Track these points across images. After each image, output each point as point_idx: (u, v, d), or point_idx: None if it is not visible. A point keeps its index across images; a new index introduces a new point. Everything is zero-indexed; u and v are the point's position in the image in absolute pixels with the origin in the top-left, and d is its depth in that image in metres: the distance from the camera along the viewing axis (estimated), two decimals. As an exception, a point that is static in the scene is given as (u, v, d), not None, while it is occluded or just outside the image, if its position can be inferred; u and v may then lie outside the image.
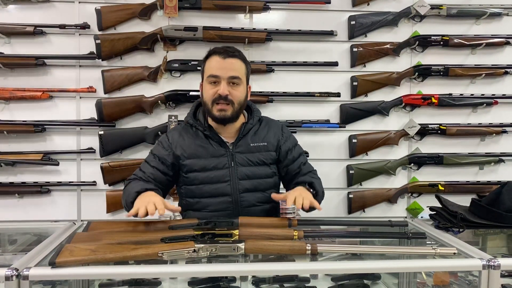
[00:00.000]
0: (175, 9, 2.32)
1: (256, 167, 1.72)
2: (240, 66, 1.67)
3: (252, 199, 1.71)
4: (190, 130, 1.75)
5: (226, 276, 1.64)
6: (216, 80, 1.64)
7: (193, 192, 1.70)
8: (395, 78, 2.48)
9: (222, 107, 1.64)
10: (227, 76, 1.63)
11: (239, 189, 1.69)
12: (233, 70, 1.64)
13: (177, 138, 1.74)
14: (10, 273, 1.14)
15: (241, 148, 1.71)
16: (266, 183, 1.74)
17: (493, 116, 2.57)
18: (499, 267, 1.29)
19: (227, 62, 1.64)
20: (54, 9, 2.34)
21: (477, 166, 2.57)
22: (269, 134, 1.77)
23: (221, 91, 1.62)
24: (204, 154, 1.69)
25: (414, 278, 1.78)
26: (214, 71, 1.64)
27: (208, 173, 1.68)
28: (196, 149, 1.70)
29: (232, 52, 1.66)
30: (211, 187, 1.68)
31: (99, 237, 1.35)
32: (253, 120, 1.75)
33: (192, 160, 1.69)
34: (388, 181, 2.55)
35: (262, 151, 1.73)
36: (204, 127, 1.72)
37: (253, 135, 1.74)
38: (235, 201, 1.69)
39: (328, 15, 2.46)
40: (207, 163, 1.69)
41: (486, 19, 2.52)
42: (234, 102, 1.65)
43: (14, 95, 2.31)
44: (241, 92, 1.67)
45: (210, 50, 1.70)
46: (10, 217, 2.36)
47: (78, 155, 2.39)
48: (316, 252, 1.33)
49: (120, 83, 2.35)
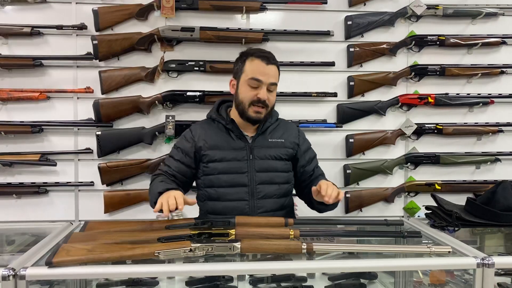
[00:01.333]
0: (172, 10, 2.33)
1: (273, 161, 1.80)
2: (277, 72, 1.80)
3: (268, 191, 1.78)
4: (212, 124, 1.85)
5: (223, 275, 1.64)
6: (258, 84, 1.73)
7: (211, 181, 1.78)
8: (392, 78, 2.49)
9: (258, 110, 1.75)
10: (268, 82, 1.74)
11: (256, 180, 1.77)
12: (273, 77, 1.76)
13: (200, 130, 1.84)
14: (7, 273, 1.15)
15: (259, 143, 1.81)
16: (281, 177, 1.81)
17: (489, 116, 2.58)
18: (493, 265, 1.30)
19: (270, 69, 1.75)
20: (51, 9, 2.34)
21: (474, 166, 2.58)
22: (287, 133, 1.88)
23: (262, 96, 1.72)
24: (224, 146, 1.78)
25: (410, 277, 1.78)
26: (257, 75, 1.73)
27: (227, 163, 1.77)
28: (217, 140, 1.80)
29: (273, 59, 1.78)
30: (229, 177, 1.76)
31: (96, 237, 1.35)
32: (272, 119, 1.86)
33: (212, 151, 1.78)
34: (385, 180, 2.56)
35: (280, 147, 1.83)
36: (226, 121, 1.81)
37: (271, 132, 1.85)
38: (251, 192, 1.77)
39: (324, 15, 2.47)
40: (227, 154, 1.78)
41: (482, 19, 2.53)
42: (269, 106, 1.77)
43: (11, 95, 2.31)
44: (274, 97, 1.80)
45: (250, 52, 1.79)
46: (8, 217, 2.36)
47: (76, 155, 2.40)
48: (312, 251, 1.34)
49: (117, 84, 2.36)
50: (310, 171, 1.88)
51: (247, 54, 1.79)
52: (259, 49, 1.81)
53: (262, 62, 1.74)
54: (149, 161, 2.39)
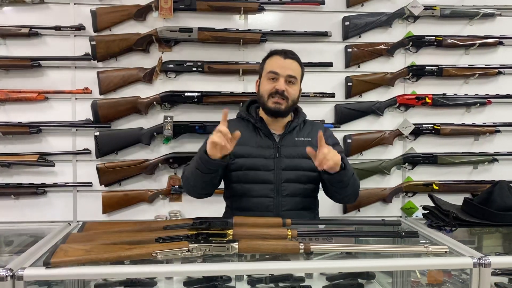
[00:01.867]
0: (170, 10, 2.33)
1: (299, 160, 1.81)
2: (297, 67, 1.83)
3: (293, 189, 1.79)
4: (242, 122, 1.89)
5: (221, 276, 1.65)
6: (275, 76, 1.78)
7: (238, 177, 1.80)
8: (389, 78, 2.50)
9: (277, 101, 1.78)
10: (285, 74, 1.78)
11: (281, 178, 1.79)
12: (291, 70, 1.80)
13: (229, 127, 1.82)
14: (4, 273, 1.15)
15: (287, 142, 1.83)
16: (307, 176, 1.82)
17: (486, 116, 2.58)
18: (489, 265, 1.30)
19: (287, 62, 1.80)
20: (49, 10, 2.35)
21: (471, 166, 2.58)
22: (313, 132, 1.88)
23: (279, 87, 1.77)
24: (252, 143, 1.81)
25: (408, 277, 1.79)
26: (275, 68, 1.79)
27: (254, 160, 1.79)
28: (245, 137, 1.79)
29: (292, 54, 1.83)
30: (255, 174, 1.78)
31: (94, 238, 1.35)
32: (299, 120, 1.89)
33: (240, 147, 1.78)
34: (383, 180, 2.56)
35: (307, 145, 1.80)
36: (255, 120, 1.85)
37: (298, 131, 1.87)
38: (277, 189, 1.78)
39: (322, 16, 2.48)
40: (254, 151, 1.80)
41: (479, 20, 2.54)
42: (289, 98, 1.79)
43: (9, 96, 2.31)
44: (295, 91, 1.82)
45: (271, 51, 1.86)
46: (6, 218, 2.36)
47: (74, 156, 2.40)
48: (309, 251, 1.34)
49: (115, 84, 2.36)
50: None
51: (268, 54, 1.87)
52: (282, 49, 1.86)
53: (280, 56, 1.81)
54: (147, 162, 2.39)
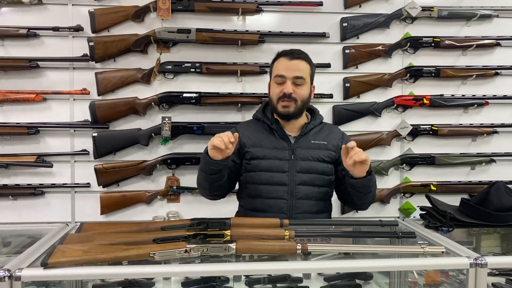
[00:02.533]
0: (168, 11, 2.33)
1: (315, 163, 1.80)
2: (305, 67, 1.80)
3: (307, 192, 1.79)
4: (258, 123, 1.89)
5: (219, 276, 1.65)
6: (282, 80, 1.77)
7: (253, 178, 1.80)
8: (387, 79, 2.50)
9: (286, 104, 1.77)
10: (292, 76, 1.76)
11: (296, 180, 1.78)
12: (297, 71, 1.77)
13: (244, 128, 1.89)
14: (2, 274, 1.15)
15: (302, 144, 1.82)
16: (322, 179, 1.82)
17: (484, 117, 2.59)
18: (486, 265, 1.30)
19: (293, 63, 1.77)
20: (47, 11, 2.35)
21: (469, 166, 2.59)
22: (331, 136, 1.88)
23: (286, 90, 1.75)
24: (267, 144, 1.81)
25: (405, 277, 1.79)
26: (281, 71, 1.78)
27: (269, 161, 1.79)
28: (260, 138, 1.83)
29: (298, 54, 1.79)
30: (270, 175, 1.78)
31: (92, 238, 1.35)
32: (315, 122, 1.88)
33: (255, 148, 1.81)
34: (380, 181, 2.56)
35: (322, 149, 1.83)
36: (271, 121, 1.84)
37: (315, 133, 1.85)
38: (291, 191, 1.78)
39: (320, 17, 2.48)
40: (269, 152, 1.80)
41: (477, 21, 2.55)
42: (298, 99, 1.77)
43: (7, 97, 2.31)
44: (304, 91, 1.79)
45: (278, 53, 1.83)
46: (4, 219, 2.36)
47: (72, 157, 2.40)
48: (307, 251, 1.34)
49: (113, 85, 2.36)
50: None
51: (275, 56, 1.85)
52: (289, 49, 1.83)
53: (285, 58, 1.79)
54: (145, 163, 2.39)
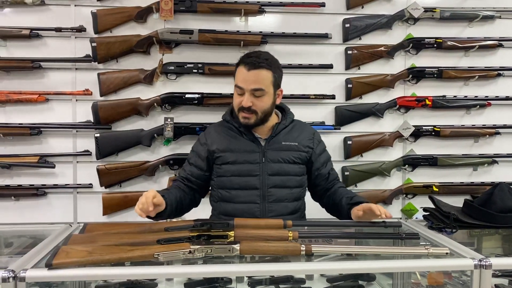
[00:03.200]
0: (171, 12, 2.33)
1: (286, 165, 1.79)
2: (265, 76, 1.72)
3: (280, 195, 1.77)
4: (227, 126, 1.84)
5: (222, 277, 1.65)
6: (241, 91, 1.72)
7: (224, 183, 1.78)
8: (389, 80, 2.50)
9: (246, 115, 1.73)
10: (249, 89, 1.70)
11: (268, 184, 1.76)
12: (255, 83, 1.70)
13: (213, 133, 1.85)
14: (7, 275, 1.15)
15: (273, 146, 1.79)
16: (294, 180, 1.80)
17: (486, 118, 2.59)
18: (490, 266, 1.30)
19: (250, 75, 1.70)
20: (50, 12, 2.35)
21: (471, 167, 2.59)
22: (302, 136, 1.85)
23: (244, 103, 1.70)
24: (237, 148, 1.78)
25: (408, 278, 1.78)
26: (239, 83, 1.72)
27: (239, 166, 1.77)
28: (230, 143, 1.79)
29: (258, 63, 1.70)
30: (241, 180, 1.76)
31: (95, 239, 1.35)
32: (286, 121, 1.84)
33: (225, 153, 1.78)
34: (383, 182, 2.57)
35: (293, 150, 1.81)
36: (239, 124, 1.79)
37: (285, 134, 1.82)
38: (263, 195, 1.76)
39: (322, 18, 2.48)
40: (239, 156, 1.77)
41: (479, 22, 2.55)
42: (258, 111, 1.73)
43: (10, 98, 2.31)
44: (264, 102, 1.73)
45: (240, 58, 1.76)
46: (6, 219, 2.36)
47: (74, 157, 2.40)
48: (311, 253, 1.34)
49: (116, 86, 2.36)
50: (325, 174, 1.87)
51: (238, 61, 1.77)
52: (251, 53, 1.77)
53: (244, 68, 1.71)
54: (148, 163, 2.39)
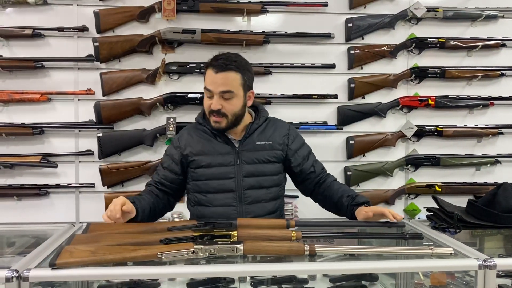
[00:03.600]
0: (173, 12, 2.33)
1: (261, 165, 1.75)
2: (234, 78, 1.67)
3: (256, 196, 1.74)
4: (200, 128, 1.80)
5: (224, 277, 1.64)
6: (210, 94, 1.67)
7: (199, 187, 1.75)
8: (392, 80, 2.50)
9: (216, 119, 1.69)
10: (218, 91, 1.65)
11: (243, 185, 1.73)
12: (224, 85, 1.65)
13: (186, 136, 1.79)
14: (10, 274, 1.14)
15: (247, 147, 1.75)
16: (270, 180, 1.77)
17: (489, 118, 2.59)
18: (495, 267, 1.29)
19: (218, 77, 1.65)
20: (52, 11, 2.35)
21: (474, 167, 2.59)
22: (275, 134, 1.80)
23: (213, 106, 1.66)
24: (211, 151, 1.74)
25: (411, 279, 1.78)
26: (208, 85, 1.67)
27: (214, 169, 1.73)
28: (203, 146, 1.75)
29: (226, 65, 1.65)
30: (217, 183, 1.73)
31: (99, 239, 1.35)
32: (259, 120, 1.79)
33: (199, 157, 1.74)
34: (385, 182, 2.56)
35: (268, 149, 1.77)
36: (212, 127, 1.75)
37: (259, 134, 1.77)
38: (239, 197, 1.73)
39: (325, 17, 2.48)
40: (214, 159, 1.73)
41: (482, 22, 2.54)
42: (228, 114, 1.68)
43: (12, 97, 2.31)
44: (234, 105, 1.68)
45: (209, 61, 1.71)
46: (9, 219, 2.36)
47: (77, 157, 2.40)
48: (314, 253, 1.33)
49: (118, 86, 2.36)
50: (309, 168, 1.82)
51: (207, 64, 1.72)
52: (219, 55, 1.71)
53: (212, 71, 1.66)
54: (150, 163, 2.39)
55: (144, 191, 1.75)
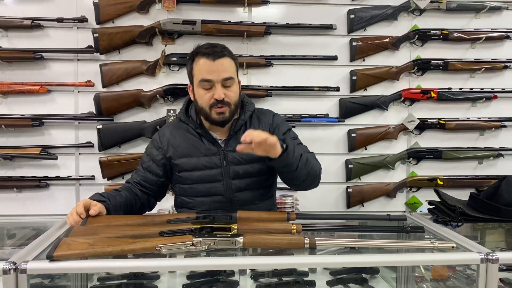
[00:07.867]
0: (174, 3, 2.31)
1: (249, 165, 1.66)
2: (230, 64, 1.60)
3: (246, 198, 1.67)
4: (183, 126, 1.70)
5: (224, 270, 1.64)
6: (210, 84, 1.57)
7: (186, 191, 1.68)
8: (395, 72, 2.48)
9: (220, 110, 1.58)
10: (220, 79, 1.56)
11: (232, 188, 1.65)
12: (224, 71, 1.57)
13: (169, 136, 1.69)
14: (8, 266, 1.14)
15: (233, 146, 1.61)
16: (259, 180, 1.69)
17: (492, 111, 2.57)
18: (497, 260, 1.28)
19: (218, 64, 1.56)
20: (51, 2, 2.33)
21: (476, 161, 2.57)
22: (260, 127, 1.68)
23: (218, 96, 1.55)
24: (196, 153, 1.64)
25: (412, 272, 1.77)
26: (206, 75, 1.56)
27: (200, 172, 1.64)
28: (187, 148, 1.65)
29: (220, 52, 1.58)
30: (204, 187, 1.65)
31: (97, 231, 1.34)
32: (245, 116, 1.68)
33: (184, 159, 1.65)
34: (387, 175, 2.55)
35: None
36: (196, 125, 1.66)
37: (244, 131, 1.61)
38: (229, 200, 1.66)
39: (327, 8, 2.45)
40: (199, 162, 1.64)
41: (486, 13, 2.52)
42: (231, 103, 1.59)
43: (12, 89, 2.30)
44: (235, 92, 1.61)
45: (195, 52, 1.61)
46: (9, 211, 2.36)
47: (77, 149, 2.39)
48: (315, 246, 1.32)
49: (118, 77, 2.35)
50: None
51: (193, 54, 1.61)
52: (205, 45, 1.61)
53: (208, 59, 1.55)
54: (150, 155, 2.38)
55: (122, 188, 1.66)
